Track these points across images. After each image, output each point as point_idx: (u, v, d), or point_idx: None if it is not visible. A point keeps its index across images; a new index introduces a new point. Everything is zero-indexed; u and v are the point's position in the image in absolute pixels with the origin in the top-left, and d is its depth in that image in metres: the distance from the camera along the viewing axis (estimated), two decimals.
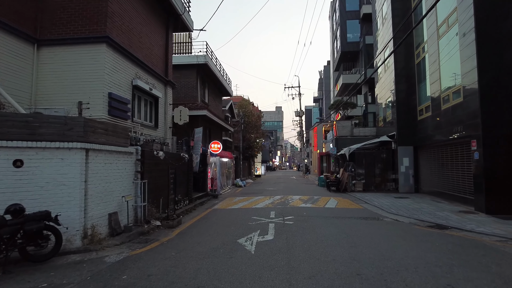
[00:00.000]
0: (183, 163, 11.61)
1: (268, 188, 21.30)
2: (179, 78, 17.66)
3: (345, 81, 31.33)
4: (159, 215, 9.13)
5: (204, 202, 13.48)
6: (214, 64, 19.27)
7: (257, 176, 39.58)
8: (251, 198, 15.12)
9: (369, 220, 9.23)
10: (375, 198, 14.42)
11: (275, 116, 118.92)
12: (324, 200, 13.85)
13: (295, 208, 11.52)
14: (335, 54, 37.71)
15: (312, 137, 45.28)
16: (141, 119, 10.38)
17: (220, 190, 16.81)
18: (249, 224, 8.57)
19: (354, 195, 15.87)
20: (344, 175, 18.40)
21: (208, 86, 20.36)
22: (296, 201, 13.68)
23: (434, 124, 14.33)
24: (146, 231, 7.97)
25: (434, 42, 14.00)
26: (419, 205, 11.97)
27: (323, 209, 11.49)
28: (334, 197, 15.11)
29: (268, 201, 13.76)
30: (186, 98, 17.46)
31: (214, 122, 19.89)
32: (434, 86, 14.25)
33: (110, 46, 8.27)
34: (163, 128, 11.80)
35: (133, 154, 8.43)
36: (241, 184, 22.68)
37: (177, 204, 10.85)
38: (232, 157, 23.32)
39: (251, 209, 11.47)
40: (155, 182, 9.27)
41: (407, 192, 16.80)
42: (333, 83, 43.05)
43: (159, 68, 11.63)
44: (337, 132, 24.69)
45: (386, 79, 20.26)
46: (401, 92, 17.83)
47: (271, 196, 15.79)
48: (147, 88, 10.20)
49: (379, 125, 22.80)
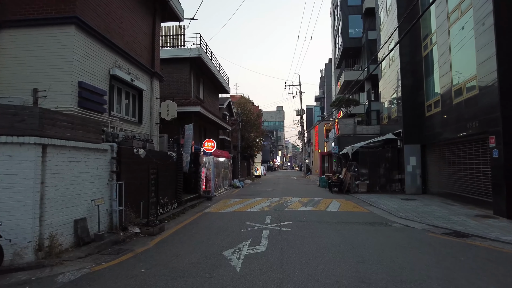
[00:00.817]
0: (171, 163, 10.60)
1: (267, 189, 20.27)
2: (171, 73, 16.67)
3: (347, 78, 30.25)
4: (139, 220, 8.11)
5: (196, 205, 12.46)
6: (209, 58, 18.26)
7: (256, 177, 38.54)
8: (247, 200, 14.09)
9: (377, 226, 8.18)
10: (380, 200, 13.37)
11: (276, 116, 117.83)
12: (325, 203, 12.81)
13: (293, 212, 10.49)
14: (337, 50, 36.64)
15: (313, 136, 44.23)
16: (121, 113, 9.37)
17: (214, 191, 15.79)
18: (240, 232, 7.54)
19: (357, 197, 14.81)
20: (347, 175, 17.35)
21: (203, 82, 19.35)
22: (295, 203, 12.64)
23: (444, 120, 13.26)
24: (121, 240, 6.96)
25: (444, 32, 12.94)
26: (430, 208, 10.91)
27: (324, 212, 10.45)
28: (337, 199, 14.07)
29: (265, 203, 12.73)
30: (179, 94, 16.45)
31: (210, 120, 18.87)
32: (444, 79, 13.18)
33: (81, 29, 7.25)
34: (149, 124, 10.79)
35: (108, 151, 7.42)
36: (239, 185, 21.65)
37: (163, 207, 9.84)
38: (229, 156, 22.30)
39: (245, 213, 10.44)
40: (135, 183, 8.25)
41: (414, 193, 15.74)
42: (334, 80, 41.96)
43: (144, 59, 10.62)
44: (339, 130, 23.64)
45: (391, 74, 19.20)
46: (407, 87, 16.78)
47: (268, 198, 14.75)
48: (128, 78, 9.17)
49: (383, 123, 21.73)
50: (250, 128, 32.36)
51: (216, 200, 14.25)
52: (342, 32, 32.17)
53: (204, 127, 19.45)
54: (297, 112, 45.81)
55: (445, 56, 12.93)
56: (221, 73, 21.74)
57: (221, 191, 17.98)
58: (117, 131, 8.57)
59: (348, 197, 15.02)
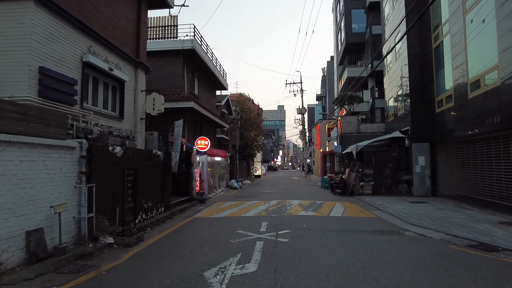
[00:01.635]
0: (157, 163, 9.53)
1: (266, 190, 19.19)
2: (163, 66, 15.62)
3: (350, 75, 29.14)
4: (114, 229, 7.05)
5: (186, 208, 11.39)
6: (204, 52, 17.19)
7: (256, 177, 37.45)
8: (243, 203, 13.01)
9: (388, 236, 7.10)
10: (388, 203, 12.27)
11: (277, 115, 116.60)
12: (328, 206, 11.72)
13: (293, 218, 9.40)
14: (339, 47, 35.52)
15: (314, 135, 43.12)
16: (97, 107, 8.29)
17: (208, 193, 14.71)
18: (230, 243, 6.46)
19: (362, 199, 13.72)
20: (351, 176, 16.25)
21: (198, 77, 18.28)
22: (295, 207, 11.55)
23: (457, 116, 12.15)
24: (88, 253, 5.89)
25: (459, 19, 11.82)
26: (444, 213, 9.81)
27: (327, 218, 9.36)
28: (340, 202, 12.98)
29: (262, 207, 11.65)
30: (172, 89, 15.39)
31: (205, 117, 17.80)
32: (458, 72, 12.06)
33: (42, 5, 6.19)
34: (132, 120, 9.72)
35: (76, 149, 6.36)
36: (236, 185, 20.58)
37: (147, 213, 8.78)
38: (227, 156, 21.22)
39: (239, 219, 9.37)
40: (111, 186, 7.19)
41: (423, 195, 14.64)
42: (337, 78, 40.83)
43: (127, 47, 9.55)
44: (342, 129, 22.52)
45: (397, 69, 18.09)
46: (415, 82, 15.67)
47: (267, 200, 13.67)
48: (105, 67, 8.10)
49: (388, 121, 20.61)
50: (250, 127, 31.26)
51: (209, 203, 13.18)
52: (345, 27, 31.05)
53: (200, 125, 18.38)
54: (298, 111, 44.70)
55: (459, 46, 11.81)
56: (218, 69, 20.67)
57: (216, 193, 16.91)
58: (91, 126, 7.50)
59: (352, 200, 13.92)
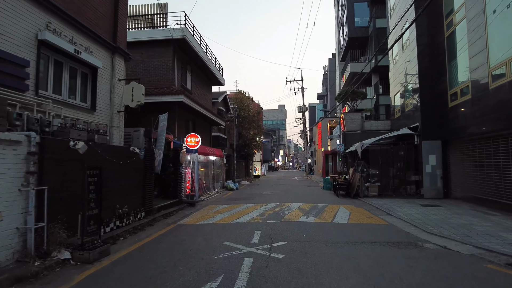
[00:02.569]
0: (136, 161, 8.32)
1: (264, 191, 17.95)
2: (152, 58, 14.42)
3: (353, 70, 27.87)
4: (75, 240, 5.83)
5: (172, 213, 10.17)
6: (197, 43, 15.98)
7: (255, 177, 36.21)
8: (237, 206, 11.79)
9: (405, 249, 5.86)
10: (397, 207, 11.04)
11: (278, 115, 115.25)
12: (331, 211, 10.49)
13: (291, 225, 8.18)
14: (341, 42, 34.27)
15: (316, 134, 41.88)
16: (61, 95, 7.08)
17: (199, 195, 13.47)
18: (212, 260, 5.24)
19: (369, 202, 12.48)
20: (355, 176, 15.01)
21: (191, 71, 17.06)
22: (295, 211, 10.32)
23: (475, 110, 10.91)
24: (32, 274, 4.70)
25: (477, 1, 10.58)
26: (465, 219, 8.57)
27: (331, 226, 8.13)
28: (344, 205, 11.75)
29: (258, 211, 10.42)
30: (161, 82, 14.19)
31: (199, 114, 16.58)
32: (476, 60, 10.81)
33: None
34: (107, 112, 8.51)
35: (22, 144, 5.16)
36: (233, 186, 19.35)
37: (122, 219, 7.57)
38: (222, 155, 19.99)
39: (230, 226, 8.15)
40: (72, 189, 5.98)
41: (434, 197, 13.40)
42: (339, 75, 39.56)
43: (102, 29, 8.34)
44: (345, 126, 21.27)
45: (404, 61, 16.85)
46: (425, 75, 14.44)
47: (263, 203, 12.43)
48: (70, 49, 6.88)
49: (394, 118, 19.35)
50: (248, 125, 30.02)
51: (200, 207, 11.95)
52: (347, 21, 29.80)
53: (193, 122, 17.17)
54: (299, 109, 43.47)
55: (478, 31, 10.56)
56: (214, 62, 19.45)
57: (210, 195, 15.68)
58: (50, 117, 6.29)
59: (358, 203, 12.68)
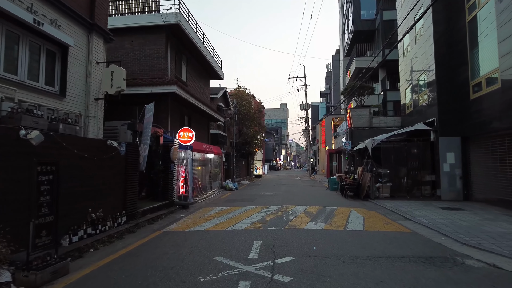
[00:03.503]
0: (114, 157, 7.07)
1: (265, 192, 16.68)
2: (143, 45, 13.18)
3: (359, 65, 26.57)
4: (21, 256, 4.57)
5: (160, 217, 8.92)
6: (194, 31, 14.72)
7: (256, 176, 34.94)
8: (235, 209, 10.53)
9: (444, 269, 4.58)
10: (415, 210, 9.77)
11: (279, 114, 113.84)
12: (342, 215, 9.22)
13: (297, 233, 6.91)
14: (346, 37, 32.94)
15: (319, 132, 40.54)
16: (18, 75, 5.82)
17: (193, 197, 12.21)
18: (198, 283, 3.98)
19: (381, 204, 11.21)
20: (366, 176, 13.72)
21: (187, 61, 15.81)
22: (300, 216, 9.05)
23: (504, 101, 9.61)
24: None
25: None
26: (501, 226, 7.28)
27: (345, 234, 6.85)
28: (356, 209, 10.47)
29: (258, 215, 9.16)
30: (153, 72, 12.95)
31: (196, 108, 15.34)
32: (506, 45, 9.51)
33: None
34: (81, 99, 7.26)
35: None
36: (232, 186, 18.09)
37: (95, 226, 6.32)
38: (221, 152, 18.72)
39: (224, 234, 6.89)
40: (23, 190, 4.73)
41: (453, 199, 12.12)
42: (343, 71, 38.23)
43: (76, 1, 7.09)
44: (352, 123, 19.98)
45: (417, 52, 15.55)
46: (442, 65, 13.16)
47: (264, 206, 11.17)
48: (27, 19, 5.62)
49: (405, 113, 18.04)
50: (249, 122, 28.75)
51: (193, 209, 10.68)
52: (352, 14, 28.48)
53: (189, 117, 15.91)
54: (302, 107, 42.19)
55: (508, 12, 9.26)
56: (212, 53, 18.19)
57: (206, 195, 14.41)
58: None
59: (369, 205, 11.40)
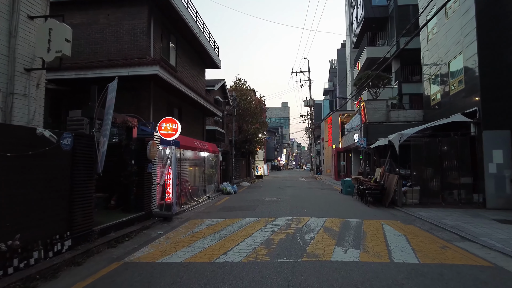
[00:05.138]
0: (50, 154, 4.69)
1: (268, 197, 14.25)
2: (121, 20, 10.82)
3: (371, 55, 24.21)
4: None
5: (129, 235, 6.53)
6: (185, 6, 12.34)
7: (258, 177, 32.53)
8: (230, 222, 8.13)
9: None
10: (466, 224, 7.40)
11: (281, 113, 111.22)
12: (375, 232, 6.82)
13: (323, 271, 4.51)
14: (355, 26, 30.52)
15: (324, 131, 38.10)
16: None
17: (179, 204, 9.80)
18: None
19: (415, 214, 8.83)
20: (391, 178, 11.32)
21: (177, 43, 13.42)
22: (320, 235, 6.65)
23: None
24: None
25: None
26: None
27: (395, 271, 4.45)
28: (387, 221, 8.08)
29: (261, 233, 6.76)
30: (132, 51, 10.59)
31: (187, 98, 12.93)
32: None
33: None
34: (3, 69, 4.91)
35: None
36: (230, 190, 15.70)
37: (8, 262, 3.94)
38: (218, 151, 16.33)
39: (210, 274, 4.49)
40: None
41: (502, 207, 9.81)
42: (350, 64, 35.81)
43: None
44: (366, 117, 17.57)
45: (448, 32, 13.16)
46: (487, 42, 10.82)
47: (269, 217, 8.77)
48: None
49: (431, 105, 15.62)
50: (250, 118, 26.36)
51: (178, 222, 8.28)
52: (363, 0, 26.06)
53: (179, 109, 13.53)
54: (306, 103, 39.82)
55: None
56: (207, 37, 15.80)
57: (198, 202, 12.00)
58: None
59: (400, 216, 9.00)
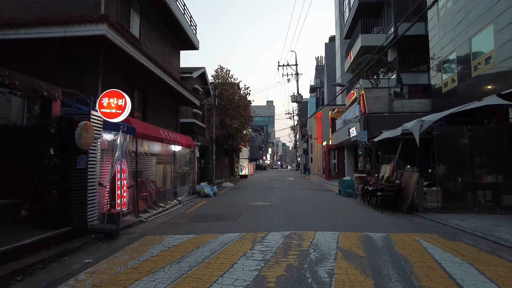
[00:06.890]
0: None
1: (254, 201, 11.74)
2: None
3: (366, 43, 22.12)
4: None
5: (33, 267, 3.90)
6: None
7: (242, 177, 29.99)
8: (201, 242, 5.61)
9: None
10: None
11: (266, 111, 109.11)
12: (420, 259, 4.46)
13: None
14: (347, 15, 28.48)
15: (313, 127, 35.99)
16: None
17: (131, 216, 7.18)
18: None
19: (452, 224, 6.56)
20: (409, 177, 9.06)
21: (141, 11, 10.73)
22: (342, 267, 4.23)
23: None
24: None
25: None
26: None
27: None
28: (420, 235, 5.76)
29: (246, 267, 4.29)
30: (75, 9, 7.87)
31: (155, 79, 10.26)
32: None
33: None
34: None
35: None
36: (209, 191, 13.10)
37: None
38: (194, 145, 13.69)
39: None
40: None
41: None
42: (339, 57, 33.79)
43: None
44: (366, 107, 15.38)
45: (466, 4, 11.09)
46: None
47: (258, 231, 6.29)
48: None
49: (441, 93, 13.55)
50: (234, 112, 23.83)
51: (124, 242, 5.68)
52: None
53: (143, 91, 10.85)
54: (293, 98, 37.60)
55: None
56: (182, 10, 13.15)
57: (165, 207, 9.36)
58: None
59: (431, 226, 6.71)
